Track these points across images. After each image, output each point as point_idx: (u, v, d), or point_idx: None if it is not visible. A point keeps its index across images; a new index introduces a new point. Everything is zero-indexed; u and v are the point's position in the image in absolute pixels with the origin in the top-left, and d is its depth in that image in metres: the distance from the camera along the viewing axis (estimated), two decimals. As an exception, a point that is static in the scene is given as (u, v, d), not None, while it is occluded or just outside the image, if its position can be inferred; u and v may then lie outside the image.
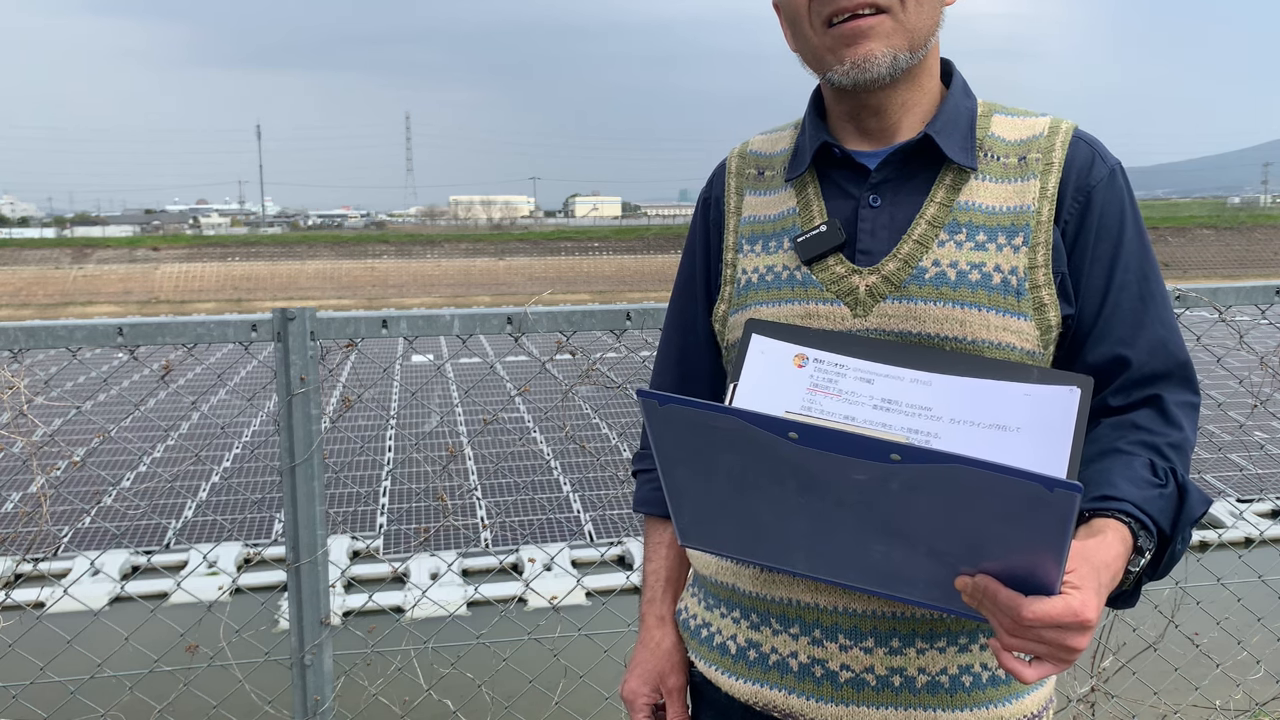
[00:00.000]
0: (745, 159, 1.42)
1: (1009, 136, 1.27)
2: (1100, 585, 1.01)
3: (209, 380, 16.88)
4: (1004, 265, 1.20)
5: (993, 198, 1.23)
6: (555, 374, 4.84)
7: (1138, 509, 1.10)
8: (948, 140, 1.24)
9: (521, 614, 7.75)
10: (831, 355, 1.20)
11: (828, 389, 1.19)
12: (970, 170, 1.24)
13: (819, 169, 1.31)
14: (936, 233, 1.22)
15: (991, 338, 1.18)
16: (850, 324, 1.23)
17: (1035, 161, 1.24)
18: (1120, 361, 1.22)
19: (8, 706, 3.47)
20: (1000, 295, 1.19)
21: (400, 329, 2.35)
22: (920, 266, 1.21)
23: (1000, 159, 1.25)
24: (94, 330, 2.25)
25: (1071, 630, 0.97)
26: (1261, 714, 3.68)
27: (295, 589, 2.37)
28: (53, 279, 48.98)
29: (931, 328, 1.19)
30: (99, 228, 72.09)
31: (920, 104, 1.27)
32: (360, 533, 9.86)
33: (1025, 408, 1.11)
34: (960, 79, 1.31)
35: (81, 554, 9.25)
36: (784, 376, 1.22)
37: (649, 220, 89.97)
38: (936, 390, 1.14)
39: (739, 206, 1.39)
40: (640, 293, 49.11)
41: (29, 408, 2.91)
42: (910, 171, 1.26)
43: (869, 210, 1.25)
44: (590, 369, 3.02)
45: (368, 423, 13.93)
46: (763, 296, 1.31)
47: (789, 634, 1.27)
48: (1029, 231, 1.21)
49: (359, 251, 54.39)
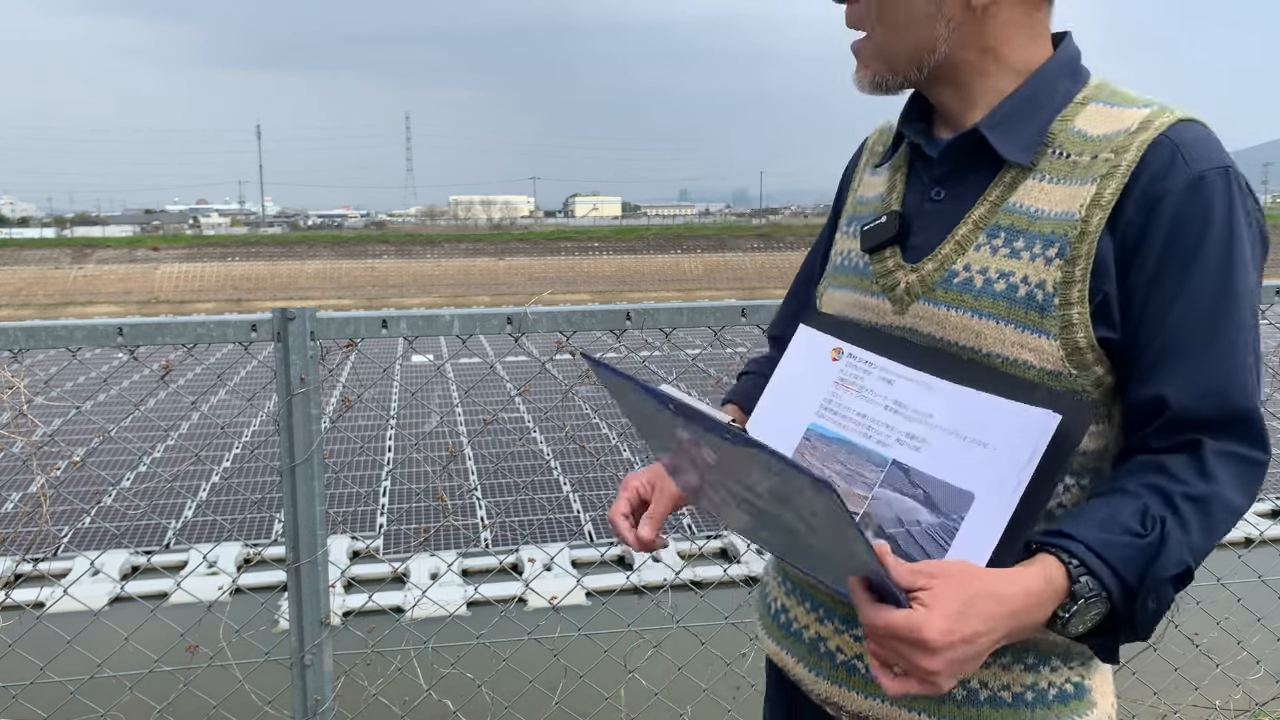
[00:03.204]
0: (884, 133, 1.39)
1: (1093, 130, 1.13)
2: (966, 612, 0.95)
3: (209, 380, 16.87)
4: (1033, 277, 1.10)
5: (1045, 200, 1.12)
6: (555, 374, 4.83)
7: (1090, 551, 1.00)
8: (1005, 134, 1.16)
9: (521, 614, 7.74)
10: (863, 352, 1.20)
11: (851, 385, 1.19)
12: (1028, 168, 1.15)
13: (914, 152, 1.28)
14: (978, 235, 1.16)
15: (1007, 353, 1.11)
16: (890, 319, 1.22)
17: (1103, 162, 1.10)
18: (1159, 403, 1.07)
19: (8, 706, 3.47)
20: (1022, 309, 1.11)
21: (400, 329, 2.35)
22: (952, 270, 1.17)
23: (1071, 156, 1.13)
24: (94, 330, 2.25)
25: (912, 647, 0.94)
26: (1261, 714, 3.68)
27: (295, 589, 2.37)
28: (53, 279, 48.97)
29: (952, 335, 1.16)
30: (99, 228, 72.08)
31: (981, 98, 1.20)
32: (360, 533, 9.86)
33: (1005, 426, 1.07)
34: (1062, 60, 1.19)
35: (81, 554, 9.24)
36: (819, 368, 1.23)
37: (649, 220, 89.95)
38: (944, 399, 1.12)
39: (859, 183, 1.38)
40: (640, 293, 49.10)
41: (29, 408, 2.91)
42: (974, 165, 1.19)
43: (930, 204, 1.22)
44: (590, 369, 3.02)
45: (368, 423, 13.92)
46: (838, 280, 1.33)
47: (804, 607, 1.31)
48: (1066, 243, 1.09)
49: (359, 251, 54.38)
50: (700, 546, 9.47)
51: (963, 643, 0.95)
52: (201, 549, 9.38)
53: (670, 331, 2.51)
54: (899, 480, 1.11)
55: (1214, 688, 3.63)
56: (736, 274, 52.94)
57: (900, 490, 1.10)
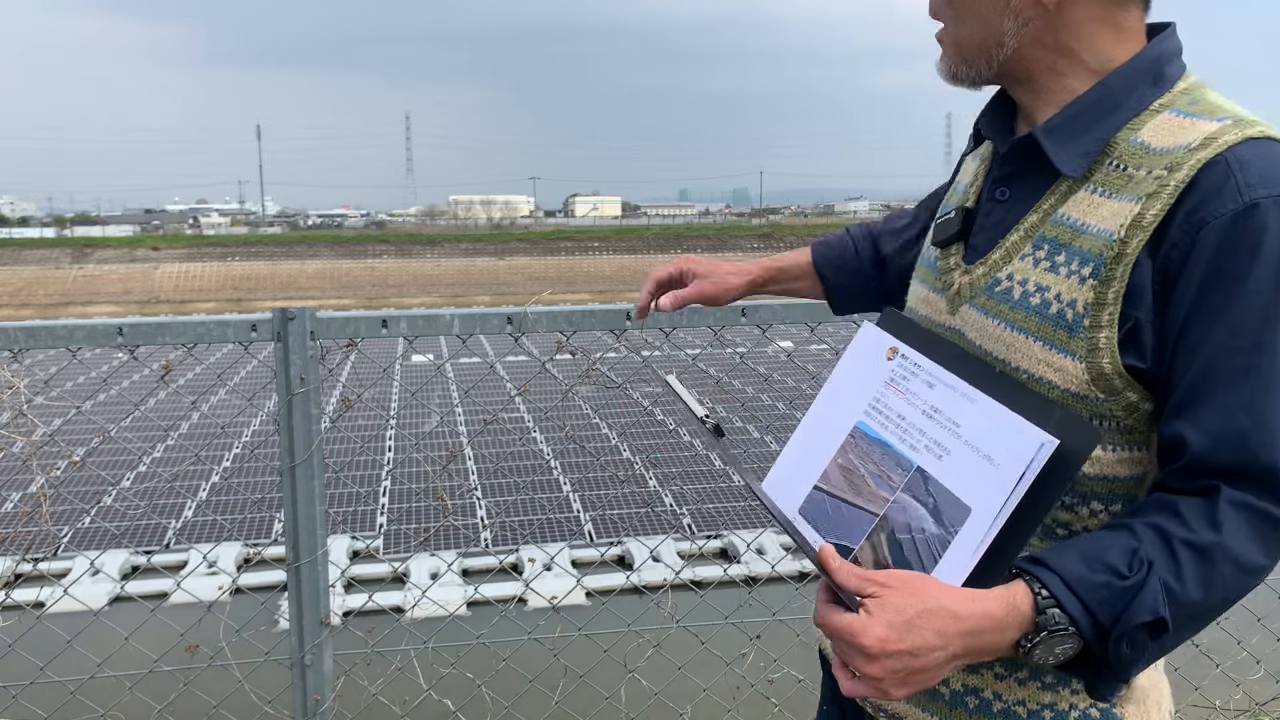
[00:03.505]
0: None
1: (1156, 143, 1.06)
2: (914, 624, 0.94)
3: (209, 380, 16.87)
4: (1066, 295, 1.06)
5: (1093, 215, 1.07)
6: (555, 374, 4.83)
7: (1064, 584, 0.97)
8: (1062, 141, 1.11)
9: (521, 614, 7.74)
10: (915, 354, 1.19)
11: (898, 386, 1.19)
12: (1081, 179, 1.10)
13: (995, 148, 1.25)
14: (1025, 245, 1.12)
15: (1032, 369, 1.08)
16: (945, 319, 1.22)
17: (1154, 180, 1.03)
18: (1179, 444, 1.01)
19: (8, 706, 3.47)
20: (1051, 327, 1.07)
21: (400, 329, 2.35)
22: (997, 277, 1.14)
23: (1128, 169, 1.06)
24: (94, 330, 2.25)
25: (852, 650, 0.95)
26: (1261, 714, 3.68)
27: (295, 589, 2.37)
28: (53, 279, 48.97)
29: (989, 344, 1.14)
30: (99, 227, 72.07)
31: (1053, 100, 1.15)
32: (360, 533, 9.86)
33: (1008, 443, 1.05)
34: (1144, 62, 1.11)
35: (81, 554, 9.24)
36: (874, 367, 1.23)
37: (649, 220, 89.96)
38: (975, 409, 1.10)
39: (962, 166, 1.36)
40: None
41: (29, 408, 2.91)
42: (1035, 168, 1.15)
43: (993, 204, 1.20)
44: (590, 369, 3.02)
45: (368, 423, 13.92)
46: (920, 271, 1.33)
47: None
48: (1102, 262, 1.03)
49: (359, 251, 54.39)
50: (700, 546, 9.47)
51: (905, 653, 0.94)
52: (201, 549, 9.38)
53: (670, 331, 2.51)
54: (917, 487, 1.11)
55: (1214, 688, 3.63)
56: (736, 274, 52.83)
57: (916, 497, 1.11)
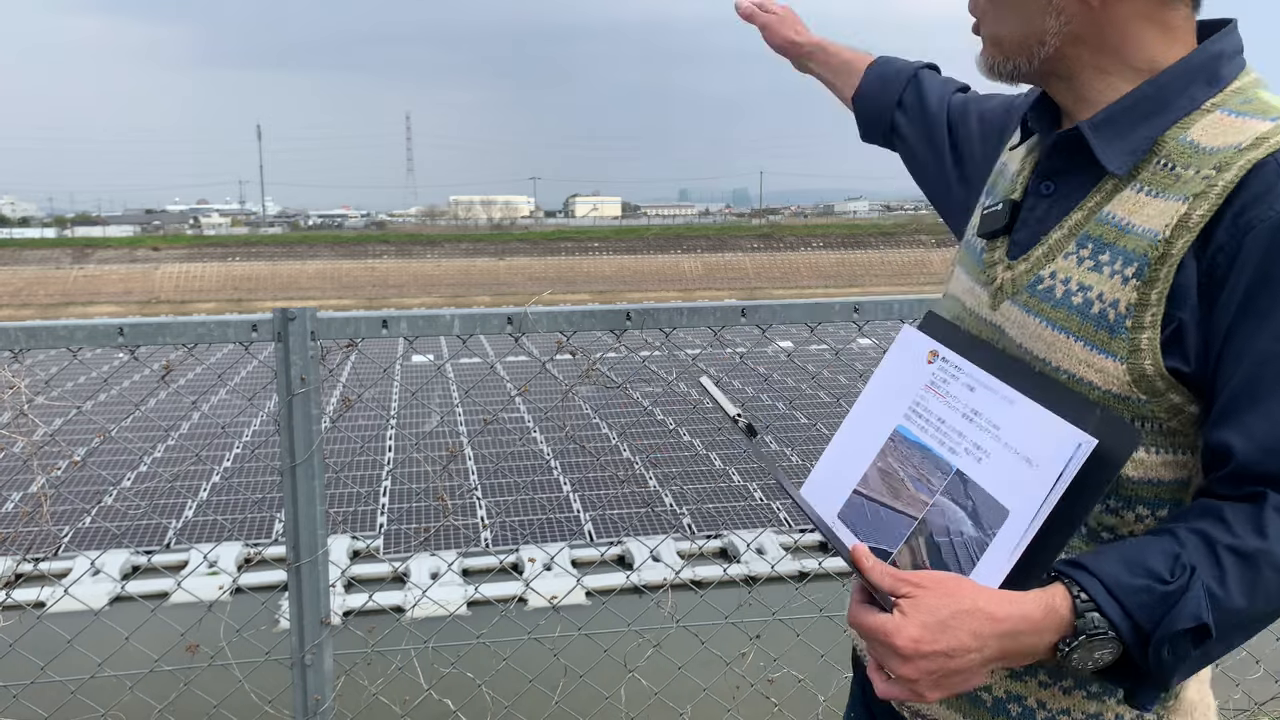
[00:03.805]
0: None
1: (1206, 143, 1.04)
2: (949, 625, 0.94)
3: (209, 380, 16.88)
4: (1108, 295, 1.04)
5: (1138, 214, 1.05)
6: (555, 374, 4.84)
7: (1104, 588, 0.96)
8: (1106, 137, 1.09)
9: (521, 614, 7.75)
10: (956, 356, 1.18)
11: (939, 389, 1.18)
12: (1126, 177, 1.08)
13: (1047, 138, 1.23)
14: (1069, 243, 1.11)
15: (1073, 369, 1.07)
16: (987, 313, 1.20)
17: (1202, 180, 1.01)
18: (1225, 451, 1.00)
19: (8, 706, 3.47)
20: (1093, 327, 1.05)
21: (400, 329, 2.36)
22: (1040, 275, 1.13)
23: (1176, 169, 1.04)
24: (95, 330, 2.25)
25: (886, 650, 0.95)
26: (1261, 714, 3.68)
27: (295, 589, 2.38)
28: (53, 279, 48.98)
29: (1029, 342, 1.12)
30: (99, 228, 72.04)
31: (1099, 95, 1.13)
32: (360, 532, 9.86)
33: (1047, 445, 1.04)
34: (1197, 62, 1.09)
35: (82, 554, 9.24)
36: (914, 370, 1.22)
37: (649, 220, 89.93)
38: (1014, 411, 1.08)
39: (1008, 151, 1.33)
40: (640, 293, 49.09)
41: (30, 407, 2.91)
42: (1084, 165, 1.12)
43: (1038, 198, 1.18)
44: (590, 369, 3.02)
45: (368, 423, 13.92)
46: (962, 258, 1.31)
47: None
48: (1146, 263, 1.02)
49: (359, 251, 54.39)
50: (700, 546, 9.47)
51: (940, 655, 0.94)
52: (202, 549, 9.39)
53: (670, 331, 2.51)
54: (957, 490, 1.10)
55: (1214, 688, 3.63)
56: (736, 274, 52.95)
57: (955, 500, 1.10)
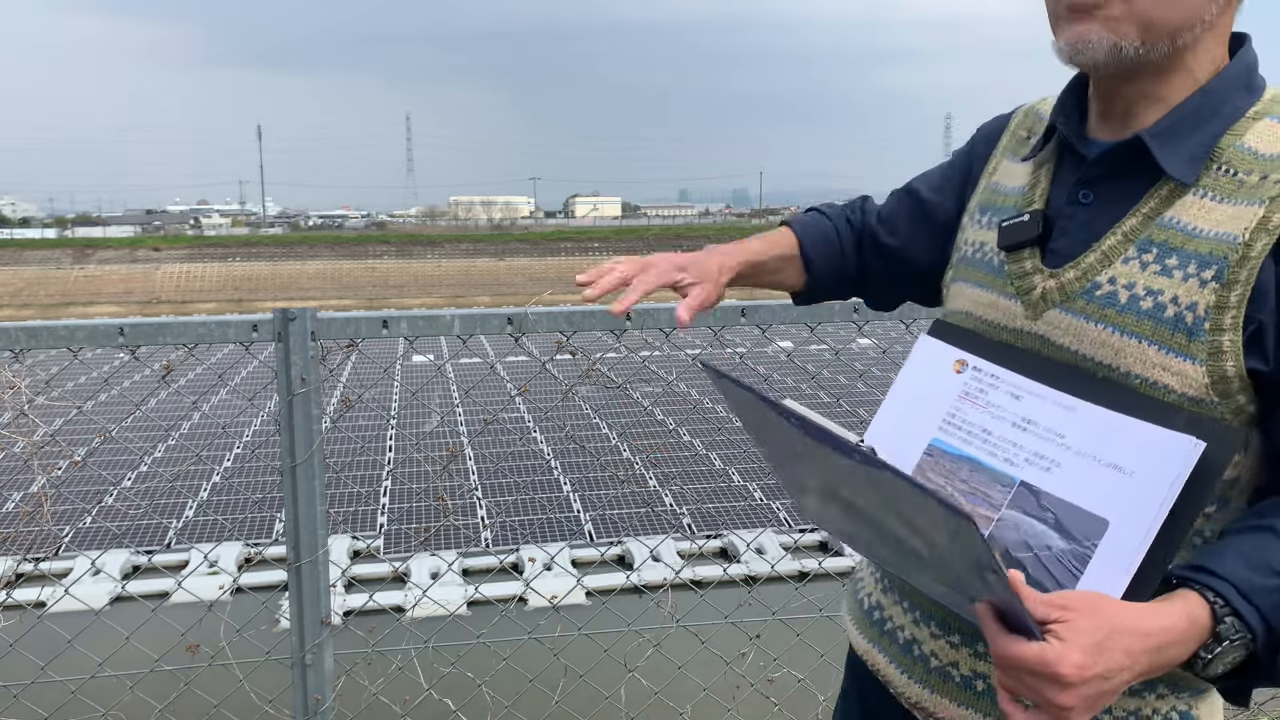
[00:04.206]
0: (1027, 117, 1.32)
1: (1264, 149, 1.06)
2: (1105, 646, 0.91)
3: (210, 380, 16.89)
4: (1184, 298, 1.04)
5: (1205, 219, 1.06)
6: (555, 374, 4.84)
7: (1238, 592, 0.96)
8: (1168, 146, 1.08)
9: (521, 614, 7.75)
10: (990, 365, 1.15)
11: (976, 399, 1.15)
12: (1188, 184, 1.08)
13: (1063, 149, 1.21)
14: (1127, 248, 1.09)
15: (1146, 374, 1.06)
16: (1021, 324, 1.17)
17: (1275, 184, 1.03)
18: None
19: (8, 706, 3.47)
20: (1168, 330, 1.04)
21: (401, 329, 2.36)
22: (1096, 281, 1.10)
23: (1238, 174, 1.06)
24: (95, 330, 2.25)
25: (1045, 680, 0.90)
26: (1261, 714, 3.68)
27: (296, 589, 2.38)
28: (54, 279, 48.99)
29: (1088, 349, 1.10)
30: (100, 228, 72.10)
31: (1169, 97, 1.11)
32: (360, 532, 9.86)
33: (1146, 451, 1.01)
34: (1239, 68, 1.11)
35: (82, 553, 9.24)
36: (942, 381, 1.19)
37: (649, 220, 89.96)
38: (1077, 418, 1.06)
39: (995, 168, 1.31)
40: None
41: (30, 407, 2.91)
42: (1131, 172, 1.11)
43: (1076, 206, 1.15)
44: (590, 369, 3.02)
45: (368, 423, 13.93)
46: (968, 274, 1.27)
47: (902, 607, 1.29)
48: (1225, 265, 1.02)
49: (359, 252, 54.40)
50: (700, 546, 9.48)
51: (1099, 678, 0.92)
52: (202, 548, 9.39)
53: (670, 331, 2.52)
54: (1028, 502, 1.06)
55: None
56: (737, 274, 52.88)
57: (1028, 513, 1.06)
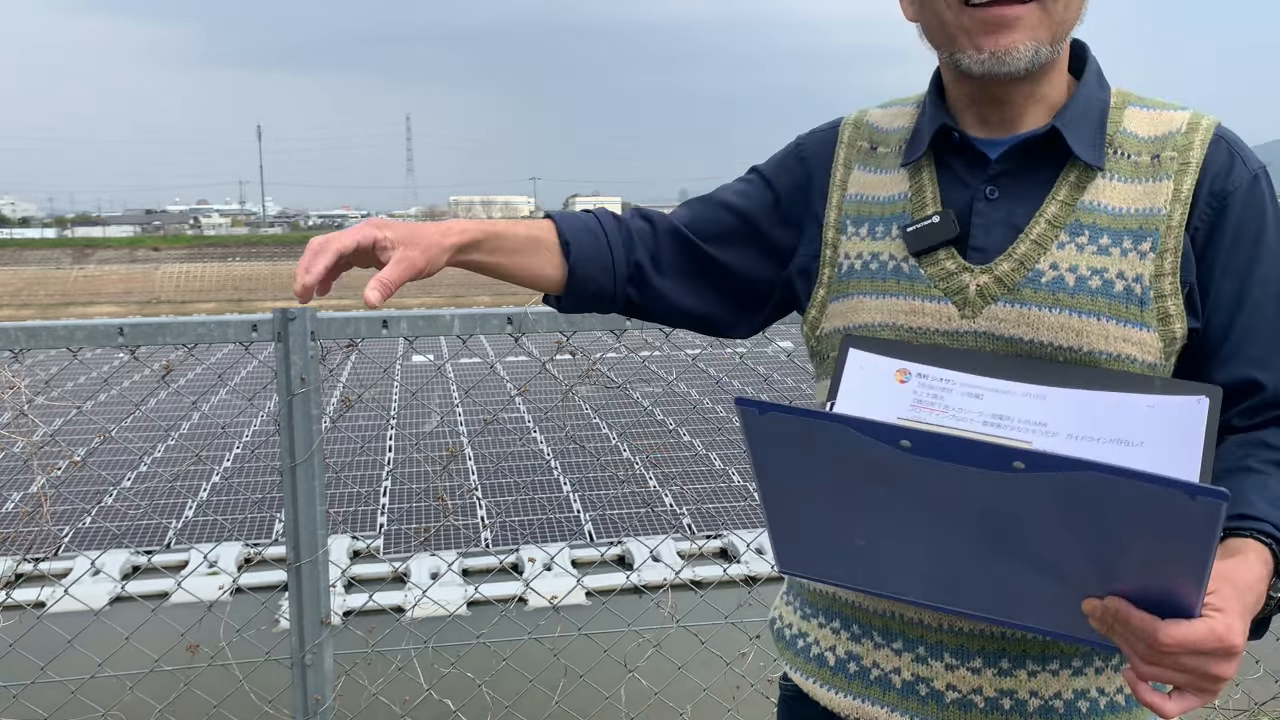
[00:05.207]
0: (860, 129, 1.32)
1: (1142, 132, 1.17)
2: (1245, 608, 0.93)
3: (209, 380, 16.87)
4: (1128, 272, 1.12)
5: (1120, 199, 1.14)
6: (555, 374, 4.84)
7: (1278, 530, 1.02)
8: (1076, 135, 1.15)
9: (521, 614, 7.74)
10: (935, 369, 1.13)
11: (933, 405, 1.12)
12: (1097, 169, 1.15)
13: (936, 154, 1.22)
14: (1057, 233, 1.14)
15: (1110, 349, 1.11)
16: (957, 325, 1.16)
17: (1170, 161, 1.14)
18: (1251, 384, 1.13)
19: (8, 706, 3.47)
20: (1121, 304, 1.11)
21: (401, 329, 2.36)
22: (1037, 269, 1.13)
23: (1131, 157, 1.16)
24: (95, 330, 2.25)
25: (1215, 657, 0.90)
26: (1261, 714, 3.68)
27: (296, 589, 2.38)
28: (54, 279, 49.00)
29: (1045, 335, 1.12)
30: (100, 228, 72.12)
31: (1048, 95, 1.18)
32: (360, 532, 9.86)
33: (1148, 421, 1.04)
34: (1095, 67, 1.21)
35: (82, 554, 9.23)
36: (886, 393, 1.15)
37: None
38: (1051, 404, 1.07)
39: (845, 180, 1.30)
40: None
41: (30, 407, 2.91)
42: (1033, 165, 1.17)
43: (985, 203, 1.17)
44: (590, 369, 3.02)
45: (368, 423, 13.92)
46: (866, 286, 1.23)
47: (891, 649, 1.21)
48: (1157, 237, 1.12)
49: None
50: (700, 546, 9.48)
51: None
52: (202, 549, 9.38)
53: (670, 331, 2.52)
54: None
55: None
56: (737, 274, 52.92)
57: None
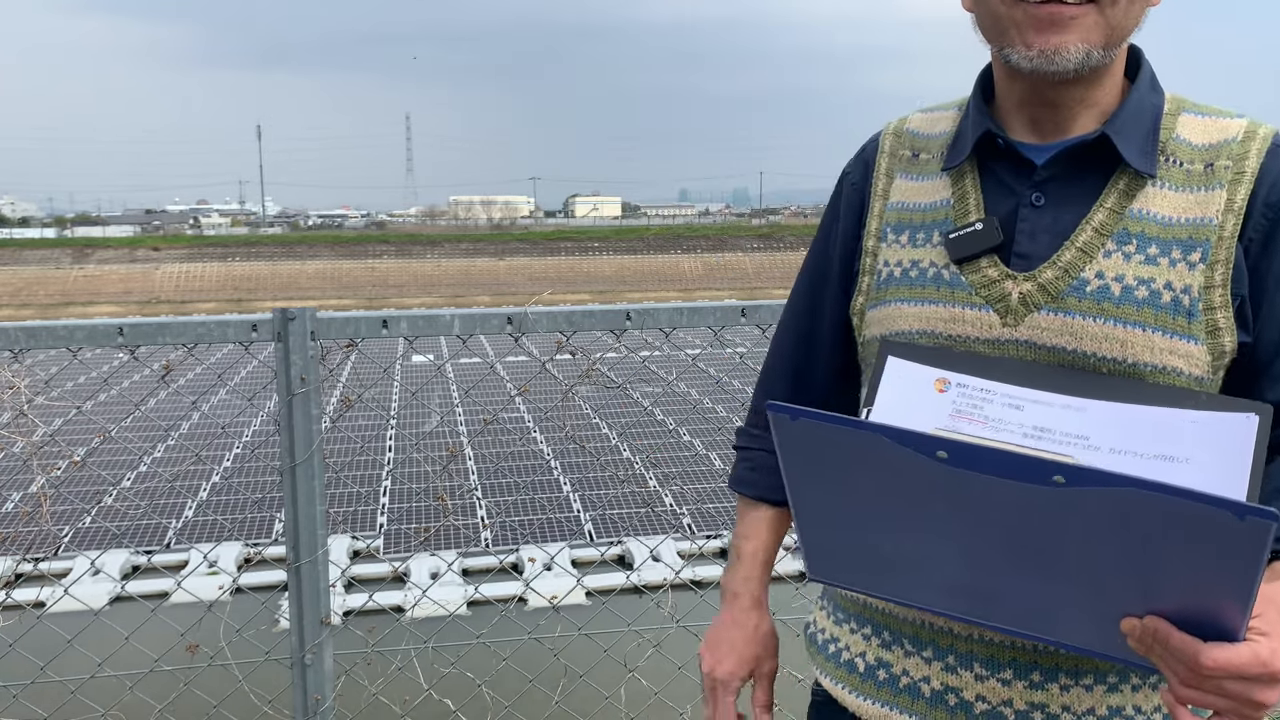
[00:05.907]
0: (900, 138, 1.30)
1: (1196, 140, 1.14)
2: None
3: (209, 380, 16.88)
4: (1176, 283, 1.09)
5: (1171, 207, 1.11)
6: (555, 374, 4.84)
7: None
8: (1126, 141, 1.12)
9: (521, 614, 7.75)
10: (976, 380, 1.11)
11: (972, 415, 1.10)
12: (1148, 176, 1.12)
13: (979, 159, 1.20)
14: (1103, 242, 1.11)
15: (1155, 361, 1.08)
16: (998, 333, 1.14)
17: (1224, 170, 1.11)
18: None
19: (8, 706, 3.48)
20: (1169, 315, 1.08)
21: (400, 329, 2.36)
22: (1082, 277, 1.11)
23: (1184, 165, 1.13)
24: (94, 330, 2.25)
25: (1259, 683, 0.88)
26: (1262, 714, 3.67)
27: (295, 589, 2.38)
28: (53, 279, 48.99)
29: (1088, 345, 1.10)
30: (99, 228, 72.08)
31: (1100, 101, 1.15)
32: (360, 532, 9.86)
33: (1194, 437, 1.01)
34: (1149, 71, 1.18)
35: (82, 554, 9.24)
36: (924, 402, 1.12)
37: (649, 220, 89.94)
38: (1092, 417, 1.05)
39: (887, 190, 1.28)
40: (640, 293, 49.13)
41: (30, 407, 2.91)
42: (1081, 171, 1.14)
43: (1030, 210, 1.15)
44: (590, 369, 3.02)
45: (368, 423, 13.92)
46: (904, 294, 1.21)
47: (921, 657, 1.21)
48: (1208, 247, 1.09)
49: (359, 251, 54.39)
50: (700, 546, 9.48)
51: None
52: (202, 549, 9.38)
53: (670, 331, 2.52)
54: None
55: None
56: (736, 274, 52.97)
57: None
